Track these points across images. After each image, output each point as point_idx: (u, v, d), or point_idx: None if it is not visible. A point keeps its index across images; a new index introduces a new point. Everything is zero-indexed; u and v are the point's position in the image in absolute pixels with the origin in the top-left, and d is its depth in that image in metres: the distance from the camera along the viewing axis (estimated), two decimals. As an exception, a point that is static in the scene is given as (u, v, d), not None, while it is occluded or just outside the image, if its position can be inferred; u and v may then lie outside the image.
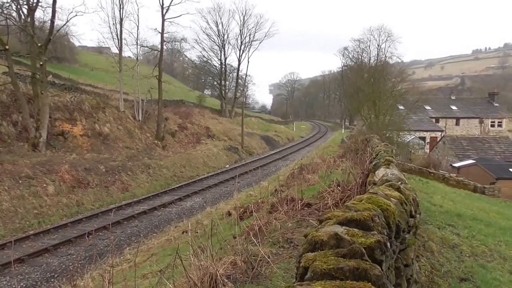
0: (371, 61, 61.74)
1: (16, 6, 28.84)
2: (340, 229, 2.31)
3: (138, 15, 68.52)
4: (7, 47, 23.14)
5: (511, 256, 7.30)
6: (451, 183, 18.93)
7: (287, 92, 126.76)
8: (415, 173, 19.74)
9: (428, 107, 47.26)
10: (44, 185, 18.92)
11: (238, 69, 65.12)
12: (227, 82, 65.46)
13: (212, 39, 62.09)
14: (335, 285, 1.80)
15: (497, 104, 50.92)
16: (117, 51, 36.34)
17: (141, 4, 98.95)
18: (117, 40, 35.37)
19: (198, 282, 3.75)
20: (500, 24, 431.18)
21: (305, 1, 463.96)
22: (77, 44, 58.06)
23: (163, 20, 35.95)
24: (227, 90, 64.64)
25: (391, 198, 3.38)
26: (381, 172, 5.25)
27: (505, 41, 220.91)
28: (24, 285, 11.52)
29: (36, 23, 28.43)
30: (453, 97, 53.93)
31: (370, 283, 1.86)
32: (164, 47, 39.90)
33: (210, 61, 65.85)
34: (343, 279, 1.88)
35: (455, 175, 21.09)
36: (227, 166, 33.50)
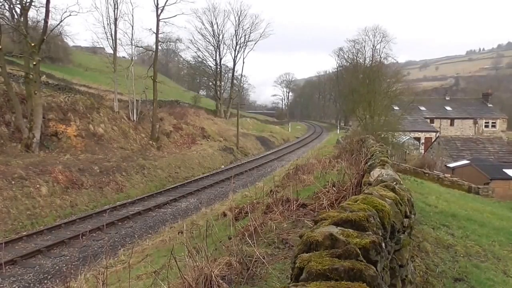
0: (366, 61, 61.89)
1: (9, 6, 28.65)
2: (335, 230, 2.30)
3: (132, 15, 68.35)
4: None
5: (505, 256, 7.34)
6: (445, 184, 19.05)
7: (283, 93, 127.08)
8: (410, 173, 19.82)
9: (422, 108, 47.60)
10: (37, 186, 18.76)
11: (233, 69, 65.19)
12: (222, 83, 65.35)
13: (207, 40, 62.12)
14: (330, 285, 1.79)
15: (491, 105, 51.39)
16: (112, 51, 36.10)
17: (135, 4, 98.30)
18: (111, 40, 35.17)
19: (192, 283, 3.72)
20: (494, 25, 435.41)
21: (303, 2, 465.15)
22: (71, 44, 57.54)
23: (158, 20, 35.86)
24: (222, 91, 64.56)
25: (386, 199, 3.38)
26: (376, 172, 5.25)
27: (498, 42, 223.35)
28: (16, 287, 11.41)
29: (30, 22, 28.18)
30: (447, 98, 54.32)
31: (365, 284, 1.85)
32: (159, 47, 39.79)
33: (205, 62, 65.76)
34: (338, 279, 1.87)
35: (449, 175, 21.23)
36: (222, 166, 33.46)
